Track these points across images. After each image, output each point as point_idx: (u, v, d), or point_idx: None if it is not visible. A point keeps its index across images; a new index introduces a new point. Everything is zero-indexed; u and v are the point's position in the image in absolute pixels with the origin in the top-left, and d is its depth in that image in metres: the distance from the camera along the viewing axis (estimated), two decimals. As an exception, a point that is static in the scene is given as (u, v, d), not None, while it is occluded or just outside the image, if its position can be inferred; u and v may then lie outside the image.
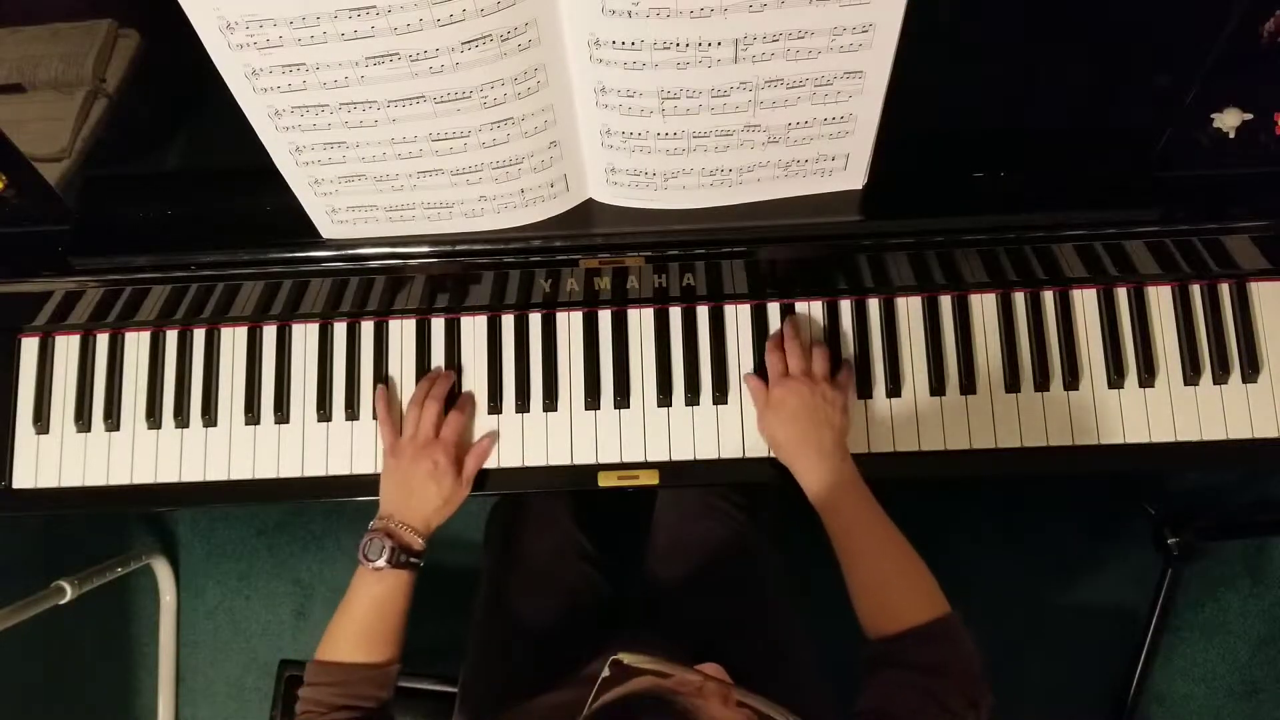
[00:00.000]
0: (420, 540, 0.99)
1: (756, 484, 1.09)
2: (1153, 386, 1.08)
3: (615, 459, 1.08)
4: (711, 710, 0.67)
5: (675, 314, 1.11)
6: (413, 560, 0.98)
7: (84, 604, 1.61)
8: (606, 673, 0.71)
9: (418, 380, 1.10)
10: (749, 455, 1.07)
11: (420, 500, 1.01)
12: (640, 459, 1.08)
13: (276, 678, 1.35)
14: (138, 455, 1.12)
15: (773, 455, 1.05)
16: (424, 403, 1.06)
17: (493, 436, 1.09)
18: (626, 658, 0.71)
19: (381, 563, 0.95)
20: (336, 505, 1.88)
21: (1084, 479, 1.82)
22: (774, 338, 1.08)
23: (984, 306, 1.10)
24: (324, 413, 1.11)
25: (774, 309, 1.11)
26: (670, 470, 1.08)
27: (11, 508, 1.12)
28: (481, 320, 1.12)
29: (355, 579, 0.97)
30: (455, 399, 1.09)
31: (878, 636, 0.90)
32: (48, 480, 1.12)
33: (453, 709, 1.16)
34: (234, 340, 1.13)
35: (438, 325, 1.12)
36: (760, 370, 1.08)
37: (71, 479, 1.12)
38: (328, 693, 0.92)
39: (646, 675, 0.70)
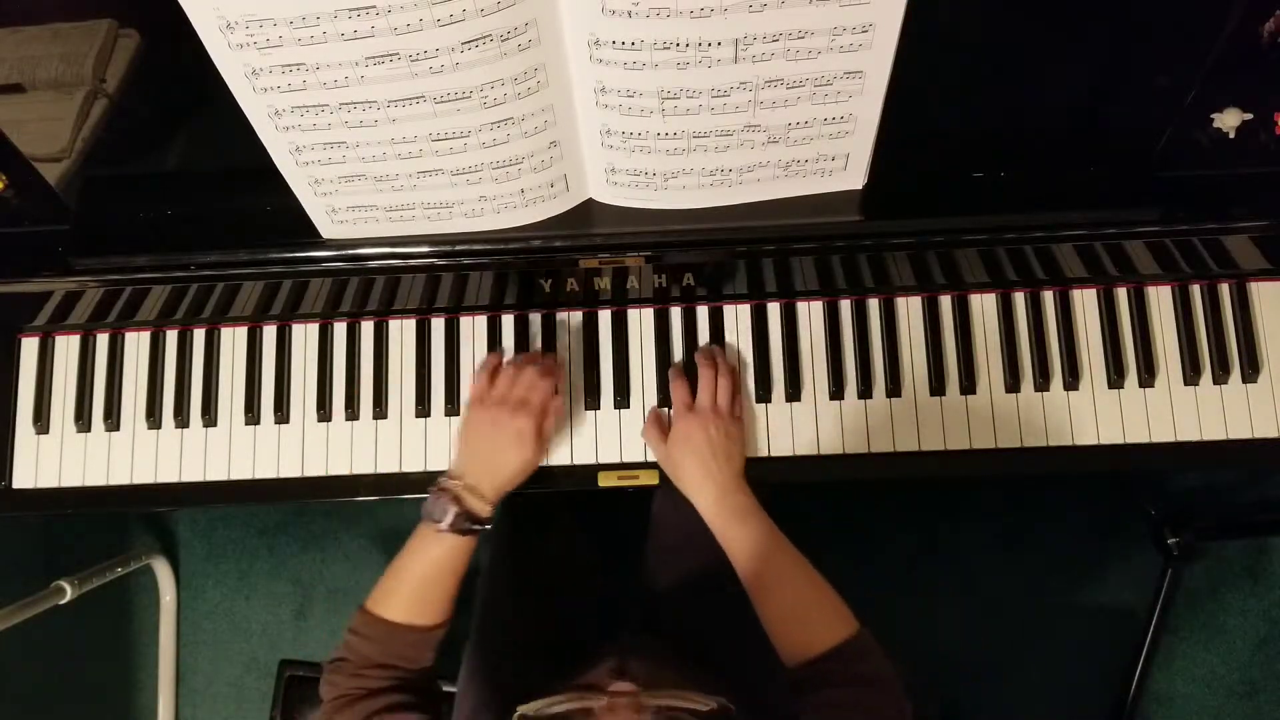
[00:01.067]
0: (489, 509, 0.95)
1: (756, 484, 1.09)
2: (1153, 386, 1.08)
3: (615, 459, 1.08)
4: (618, 711, 0.67)
5: (675, 314, 1.11)
6: (475, 528, 0.94)
7: (84, 604, 1.61)
8: None
9: (418, 380, 1.10)
10: (749, 455, 1.07)
11: (498, 466, 0.97)
12: (640, 459, 1.08)
13: (276, 678, 1.35)
14: (138, 455, 1.12)
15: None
16: (524, 368, 1.01)
17: (561, 398, 1.04)
18: (529, 709, 0.72)
19: (445, 525, 0.92)
20: (336, 505, 1.88)
21: (1084, 479, 1.82)
22: (678, 367, 1.08)
23: (984, 306, 1.10)
24: (324, 413, 1.11)
25: (774, 309, 1.11)
26: (670, 470, 1.08)
27: (11, 508, 1.12)
28: (481, 320, 1.12)
29: (416, 534, 0.94)
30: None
31: (798, 662, 0.90)
32: (48, 480, 1.12)
33: (452, 709, 1.16)
34: (234, 340, 1.13)
35: (438, 325, 1.12)
36: (763, 373, 1.08)
37: (71, 479, 1.12)
38: (369, 646, 0.91)
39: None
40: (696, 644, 1.10)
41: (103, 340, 1.14)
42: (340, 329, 1.13)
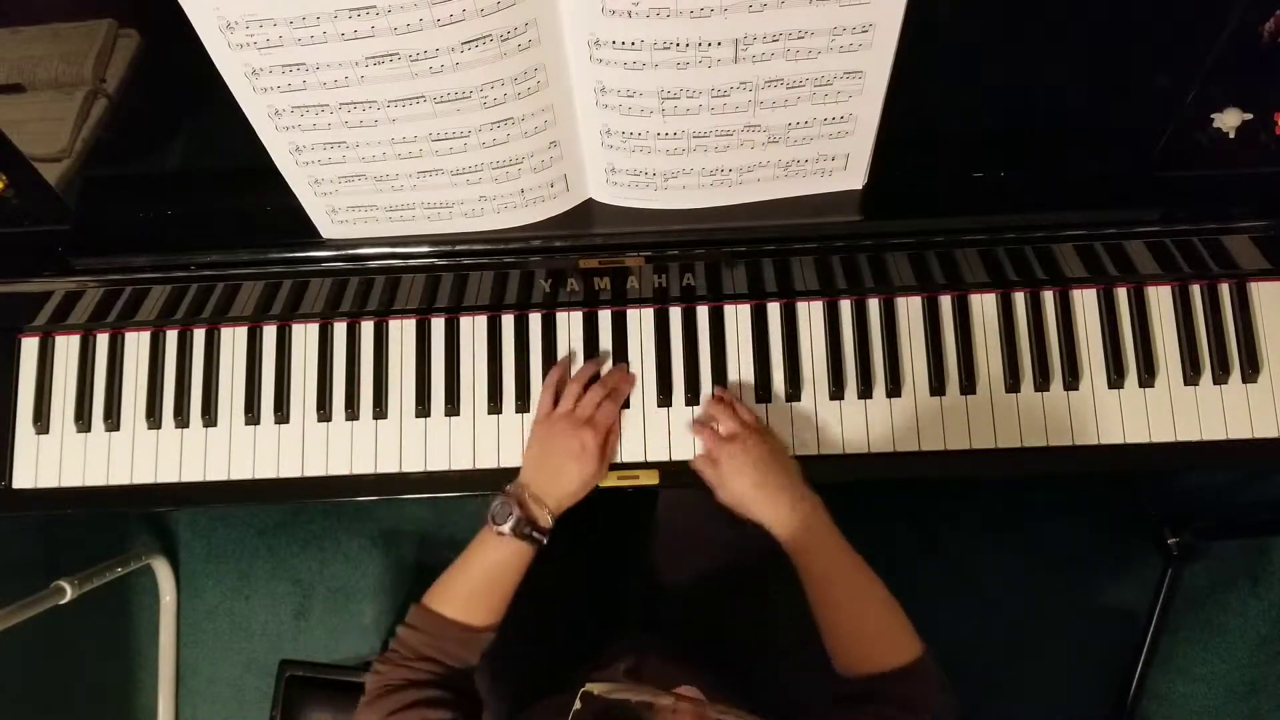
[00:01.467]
0: (549, 518, 0.98)
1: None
2: (1153, 386, 1.08)
3: (615, 459, 1.08)
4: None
5: (675, 314, 1.11)
6: (535, 535, 0.97)
7: (84, 604, 1.61)
8: (577, 705, 0.72)
9: (418, 379, 1.10)
10: (749, 455, 1.07)
11: (562, 479, 1.00)
12: (640, 459, 1.08)
13: (276, 678, 1.35)
14: (138, 455, 1.12)
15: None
16: (586, 383, 1.05)
17: (617, 415, 1.07)
18: (596, 688, 0.72)
19: (506, 528, 0.95)
20: (336, 505, 1.88)
21: (1084, 479, 1.82)
22: (696, 421, 1.08)
23: (984, 306, 1.10)
24: (324, 413, 1.11)
25: (774, 309, 1.11)
26: (670, 470, 1.08)
27: (11, 508, 1.12)
28: (481, 320, 1.12)
29: (479, 537, 0.97)
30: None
31: (851, 675, 0.90)
32: (48, 480, 1.12)
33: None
34: (234, 340, 1.13)
35: (438, 325, 1.12)
36: (763, 373, 1.08)
37: (71, 479, 1.12)
38: (420, 639, 0.93)
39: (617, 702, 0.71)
40: (702, 644, 1.10)
41: (103, 340, 1.14)
42: (340, 329, 1.13)
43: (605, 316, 1.11)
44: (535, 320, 1.12)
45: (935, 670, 0.90)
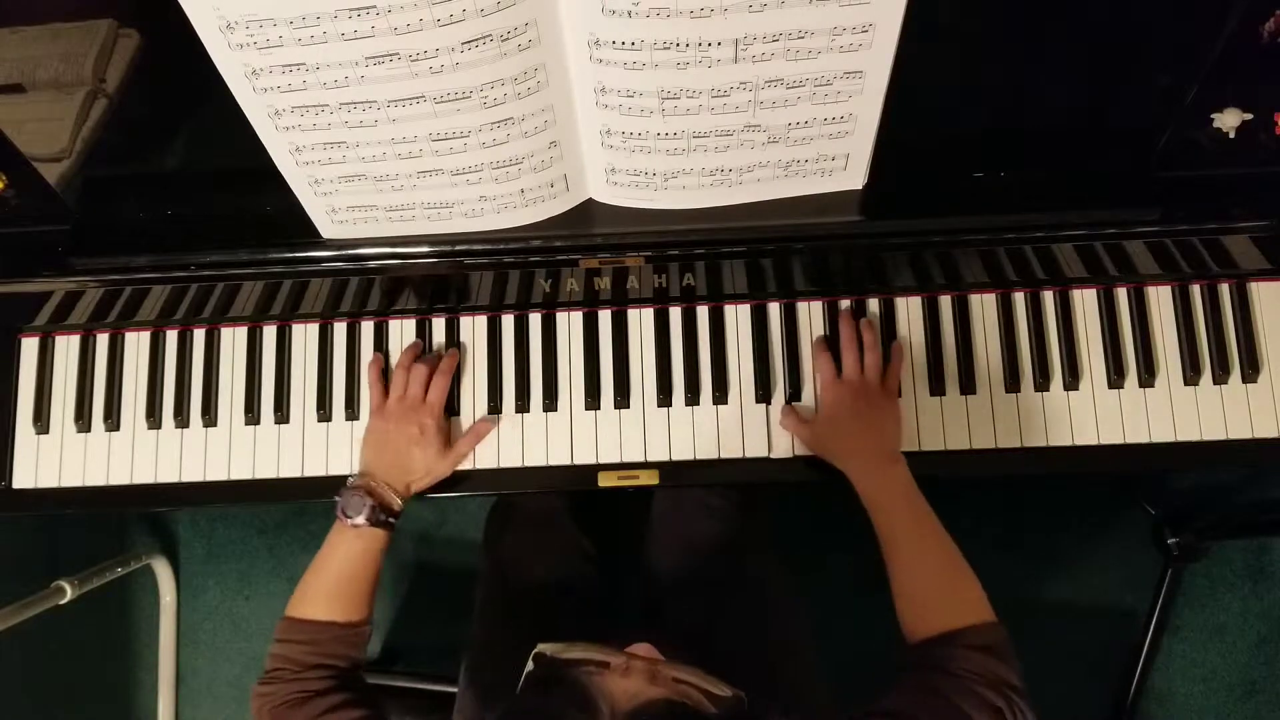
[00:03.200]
0: (399, 501, 1.00)
1: (756, 484, 1.09)
2: (1153, 386, 1.08)
3: (615, 459, 1.08)
4: (611, 684, 0.67)
5: (675, 314, 1.11)
6: (390, 520, 0.98)
7: (84, 604, 1.61)
8: (530, 666, 0.72)
9: (418, 380, 1.10)
10: (749, 455, 1.07)
11: (403, 464, 1.01)
12: (640, 459, 1.08)
13: (276, 678, 1.35)
14: (138, 455, 1.12)
15: (798, 456, 1.05)
16: (411, 367, 1.06)
17: (492, 421, 1.08)
18: (547, 648, 0.72)
19: (360, 520, 0.96)
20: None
21: (1084, 479, 1.82)
22: (820, 339, 1.07)
23: (984, 306, 1.10)
24: (324, 413, 1.11)
25: (774, 309, 1.11)
26: (670, 470, 1.08)
27: (11, 508, 1.12)
28: (481, 320, 1.12)
29: (331, 536, 0.97)
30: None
31: (918, 639, 0.89)
32: (48, 480, 1.12)
33: (453, 709, 1.16)
34: (234, 340, 1.13)
35: (438, 325, 1.12)
36: (763, 373, 1.08)
37: (71, 479, 1.12)
38: (300, 650, 0.92)
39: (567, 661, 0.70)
40: (696, 643, 1.10)
41: (103, 340, 1.14)
42: (340, 329, 1.13)
43: (605, 316, 1.11)
44: (535, 320, 1.12)
45: (1003, 645, 0.85)
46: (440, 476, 1.04)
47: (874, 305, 1.10)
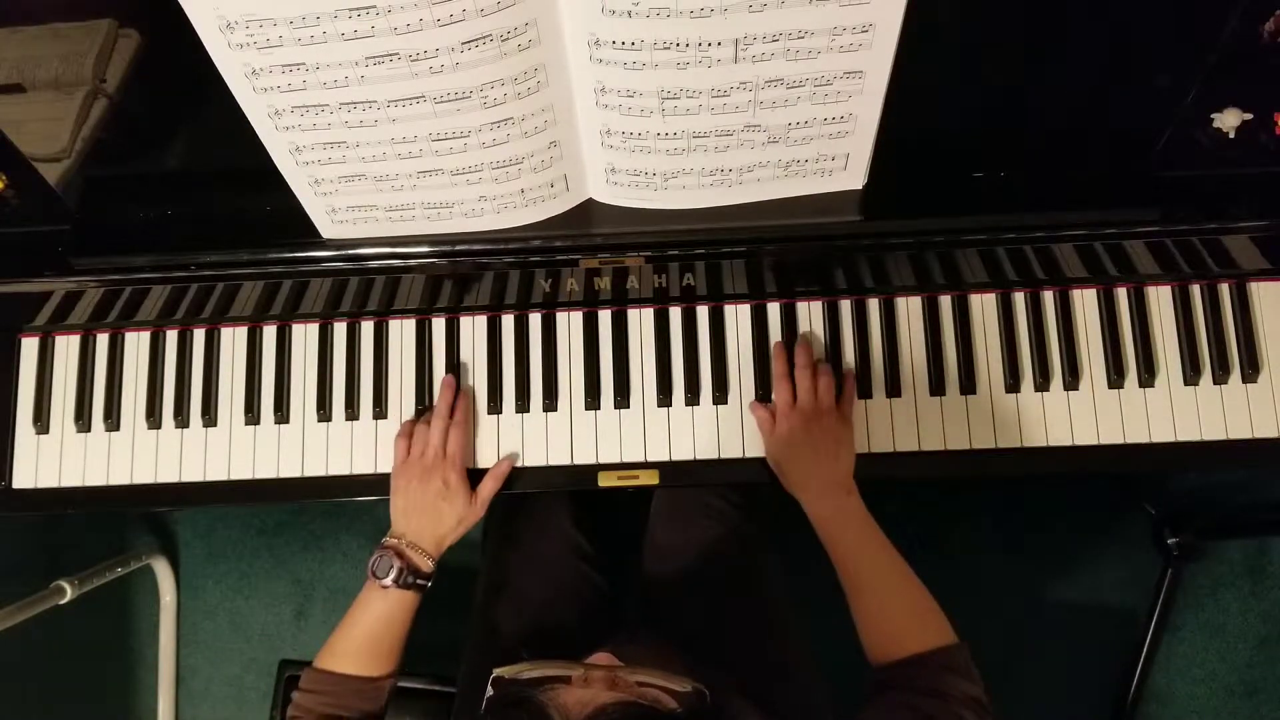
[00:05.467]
0: (430, 562, 1.00)
1: (755, 484, 1.09)
2: (1153, 386, 1.08)
3: (615, 459, 1.08)
4: (566, 696, 0.68)
5: (675, 314, 1.11)
6: (420, 582, 0.98)
7: (84, 604, 1.61)
8: (490, 691, 0.72)
9: (418, 380, 1.10)
10: (749, 455, 1.07)
11: (433, 521, 1.01)
12: (640, 459, 1.08)
13: (276, 678, 1.35)
14: (138, 455, 1.12)
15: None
16: (432, 423, 1.05)
17: (512, 459, 1.08)
18: (505, 671, 0.72)
19: (389, 581, 0.96)
20: (336, 505, 1.88)
21: (1084, 479, 1.82)
22: (781, 365, 1.07)
23: (984, 306, 1.10)
24: (324, 413, 1.11)
25: (774, 309, 1.11)
26: (670, 470, 1.08)
27: (11, 508, 1.12)
28: (481, 320, 1.12)
29: (363, 593, 0.98)
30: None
31: (883, 663, 0.90)
32: (48, 480, 1.12)
33: (451, 709, 1.16)
34: (234, 340, 1.13)
35: (438, 325, 1.12)
36: (763, 374, 1.09)
37: (71, 479, 1.12)
38: (317, 700, 0.93)
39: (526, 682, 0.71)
40: (695, 642, 1.10)
41: (103, 340, 1.14)
42: (340, 329, 1.13)
43: (605, 316, 1.11)
44: (535, 320, 1.12)
45: (967, 665, 0.88)
46: (471, 524, 1.04)
47: (874, 305, 1.10)
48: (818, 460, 1.00)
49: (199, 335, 1.13)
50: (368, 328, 1.12)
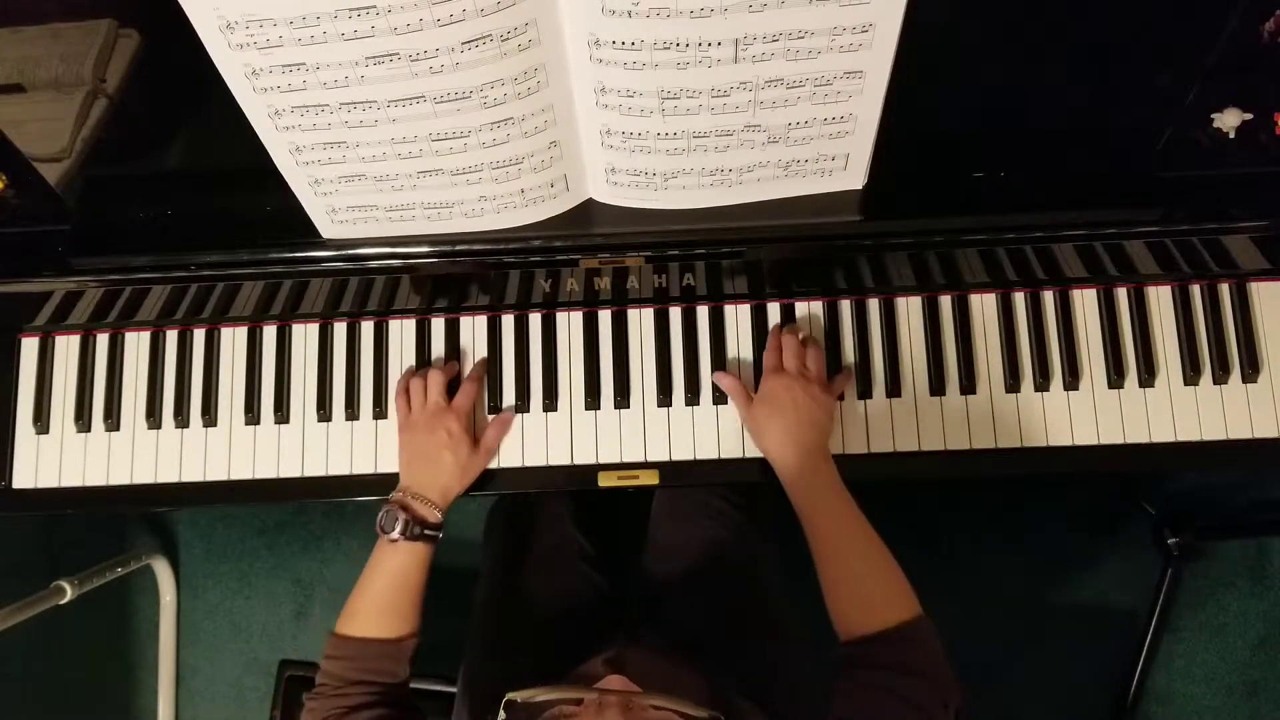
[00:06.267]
0: (437, 513, 0.99)
1: (756, 484, 1.09)
2: (1153, 386, 1.08)
3: (615, 459, 1.08)
4: (606, 709, 0.68)
5: (675, 314, 1.11)
6: (428, 533, 0.98)
7: (84, 604, 1.61)
8: (502, 715, 0.72)
9: (418, 380, 1.10)
10: (749, 455, 1.07)
11: (436, 470, 1.01)
12: (640, 459, 1.08)
13: (276, 678, 1.35)
14: (138, 455, 1.12)
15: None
16: (428, 374, 1.06)
17: (513, 409, 1.09)
18: (518, 695, 0.72)
19: (396, 534, 0.96)
20: (336, 505, 1.88)
21: (1084, 479, 1.82)
22: (775, 339, 1.08)
23: (984, 306, 1.10)
24: (324, 413, 1.11)
25: (774, 309, 1.11)
26: (670, 470, 1.08)
27: (11, 508, 1.12)
28: (481, 320, 1.12)
29: (374, 552, 0.98)
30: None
31: (849, 638, 0.90)
32: (48, 480, 1.12)
33: (452, 708, 1.16)
34: (234, 340, 1.13)
35: (438, 325, 1.12)
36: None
37: (71, 479, 1.12)
38: (343, 666, 0.93)
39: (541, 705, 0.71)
40: (695, 641, 1.10)
41: (103, 340, 1.14)
42: (340, 329, 1.13)
43: (605, 316, 1.11)
44: (535, 320, 1.12)
45: (933, 638, 0.89)
46: (475, 474, 1.05)
47: (874, 305, 1.10)
48: (799, 422, 0.99)
49: (199, 335, 1.13)
50: (368, 328, 1.12)
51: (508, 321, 1.12)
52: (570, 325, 1.11)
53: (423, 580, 0.98)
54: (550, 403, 1.09)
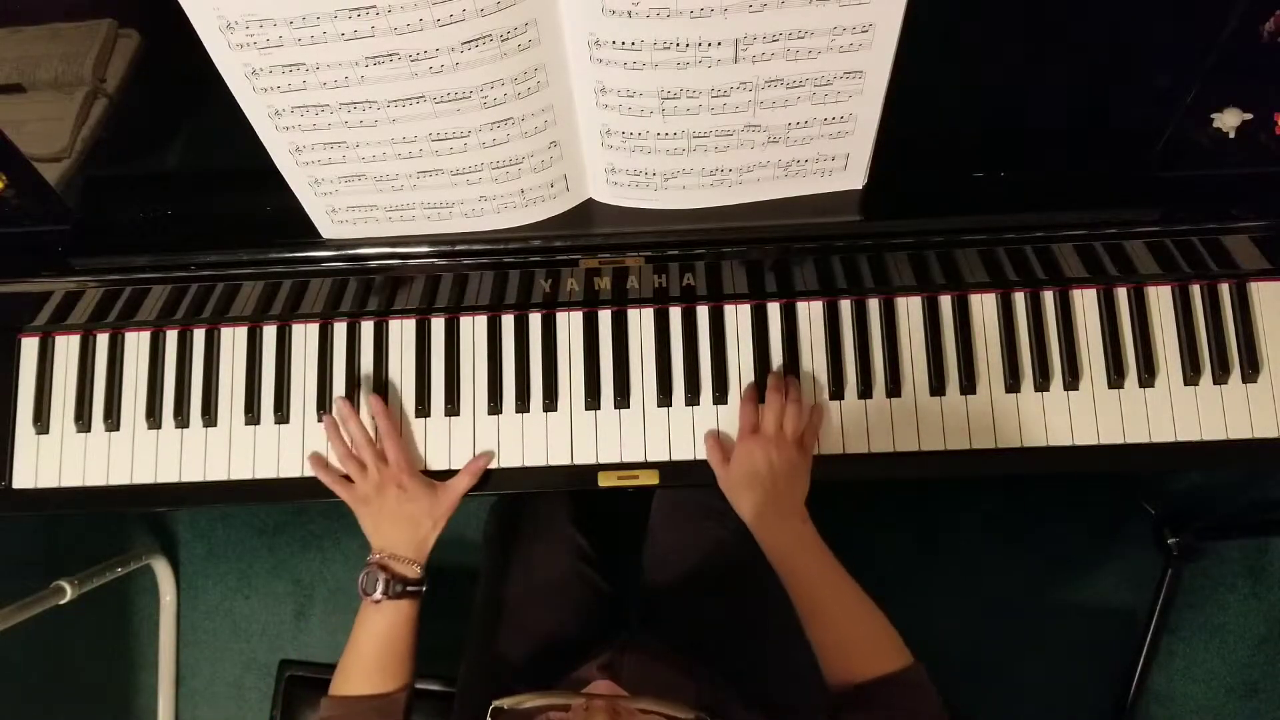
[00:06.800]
0: (416, 568, 1.00)
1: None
2: (1153, 386, 1.08)
3: (615, 459, 1.08)
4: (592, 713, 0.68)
5: (675, 314, 1.11)
6: (410, 589, 0.98)
7: (84, 604, 1.61)
8: None
9: (418, 380, 1.10)
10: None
11: (403, 526, 1.02)
12: (640, 459, 1.08)
13: (276, 678, 1.35)
14: (138, 455, 1.12)
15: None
16: (352, 448, 1.06)
17: (488, 455, 1.08)
18: (505, 702, 0.73)
19: (379, 595, 0.96)
20: (336, 505, 1.87)
21: (1084, 479, 1.82)
22: (750, 388, 1.07)
23: (984, 306, 1.10)
24: (324, 413, 1.11)
25: (774, 309, 1.11)
26: (670, 470, 1.08)
27: (11, 508, 1.12)
28: (481, 320, 1.12)
29: (359, 614, 0.99)
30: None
31: (842, 687, 0.91)
32: (48, 480, 1.12)
33: (452, 709, 1.16)
34: (234, 340, 1.13)
35: (438, 325, 1.12)
36: (763, 374, 1.08)
37: (72, 479, 1.12)
38: None
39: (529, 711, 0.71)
40: (694, 642, 1.10)
41: (103, 340, 1.14)
42: (340, 329, 1.13)
43: (605, 316, 1.11)
44: (535, 320, 1.12)
45: (928, 683, 0.89)
46: (445, 517, 1.05)
47: (874, 305, 1.10)
48: (775, 489, 0.99)
49: (199, 335, 1.13)
50: (368, 328, 1.12)
51: (508, 321, 1.12)
52: (570, 325, 1.11)
53: (411, 635, 0.99)
54: (550, 403, 1.09)
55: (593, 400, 1.09)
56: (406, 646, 0.98)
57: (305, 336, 1.13)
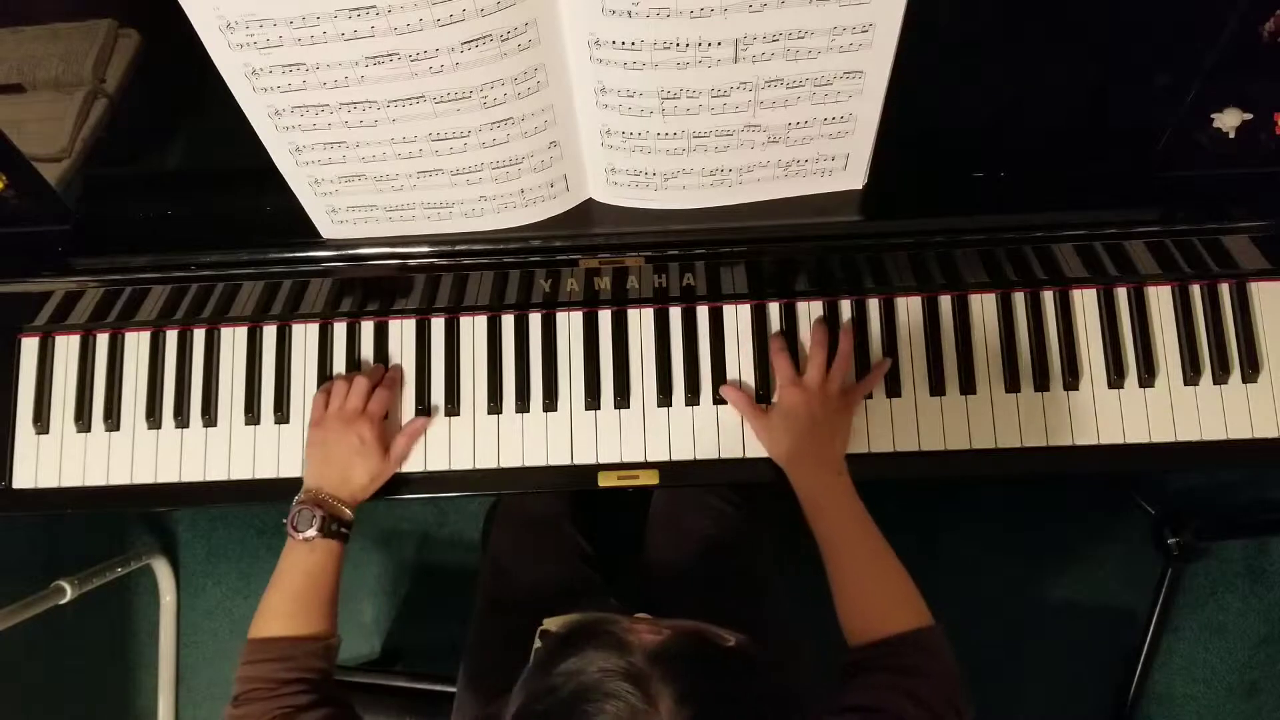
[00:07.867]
0: (348, 511, 1.00)
1: (755, 484, 1.09)
2: (1153, 386, 1.08)
3: (615, 459, 1.08)
4: (641, 632, 0.67)
5: (675, 314, 1.11)
6: (343, 530, 0.98)
7: (84, 604, 1.61)
8: (538, 643, 0.71)
9: (418, 380, 1.10)
10: (749, 455, 1.07)
11: (346, 475, 1.01)
12: (640, 459, 1.08)
13: (276, 678, 1.35)
14: (138, 455, 1.12)
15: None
16: (353, 379, 1.06)
17: (426, 418, 1.08)
18: (552, 623, 0.72)
19: (312, 532, 0.96)
20: (336, 505, 1.88)
21: (1084, 479, 1.82)
22: (778, 338, 1.07)
23: (984, 306, 1.10)
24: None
25: (774, 309, 1.11)
26: (670, 470, 1.08)
27: (11, 508, 1.12)
28: (481, 320, 1.12)
29: (285, 553, 0.97)
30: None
31: (858, 644, 0.90)
32: (48, 480, 1.12)
33: (451, 709, 1.16)
34: (234, 340, 1.13)
35: (438, 325, 1.12)
36: (763, 374, 1.08)
37: (72, 479, 1.12)
38: (273, 669, 0.91)
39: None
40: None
41: (103, 340, 1.14)
42: (340, 329, 1.13)
43: (605, 316, 1.11)
44: (535, 320, 1.12)
45: (944, 648, 0.89)
46: (383, 481, 1.05)
47: (874, 305, 1.10)
48: (816, 438, 0.99)
49: (199, 335, 1.13)
50: (368, 328, 1.12)
51: (508, 321, 1.12)
52: (570, 325, 1.11)
53: (336, 577, 0.98)
54: (550, 403, 1.09)
55: (593, 400, 1.09)
56: (333, 588, 0.97)
57: (305, 336, 1.13)
